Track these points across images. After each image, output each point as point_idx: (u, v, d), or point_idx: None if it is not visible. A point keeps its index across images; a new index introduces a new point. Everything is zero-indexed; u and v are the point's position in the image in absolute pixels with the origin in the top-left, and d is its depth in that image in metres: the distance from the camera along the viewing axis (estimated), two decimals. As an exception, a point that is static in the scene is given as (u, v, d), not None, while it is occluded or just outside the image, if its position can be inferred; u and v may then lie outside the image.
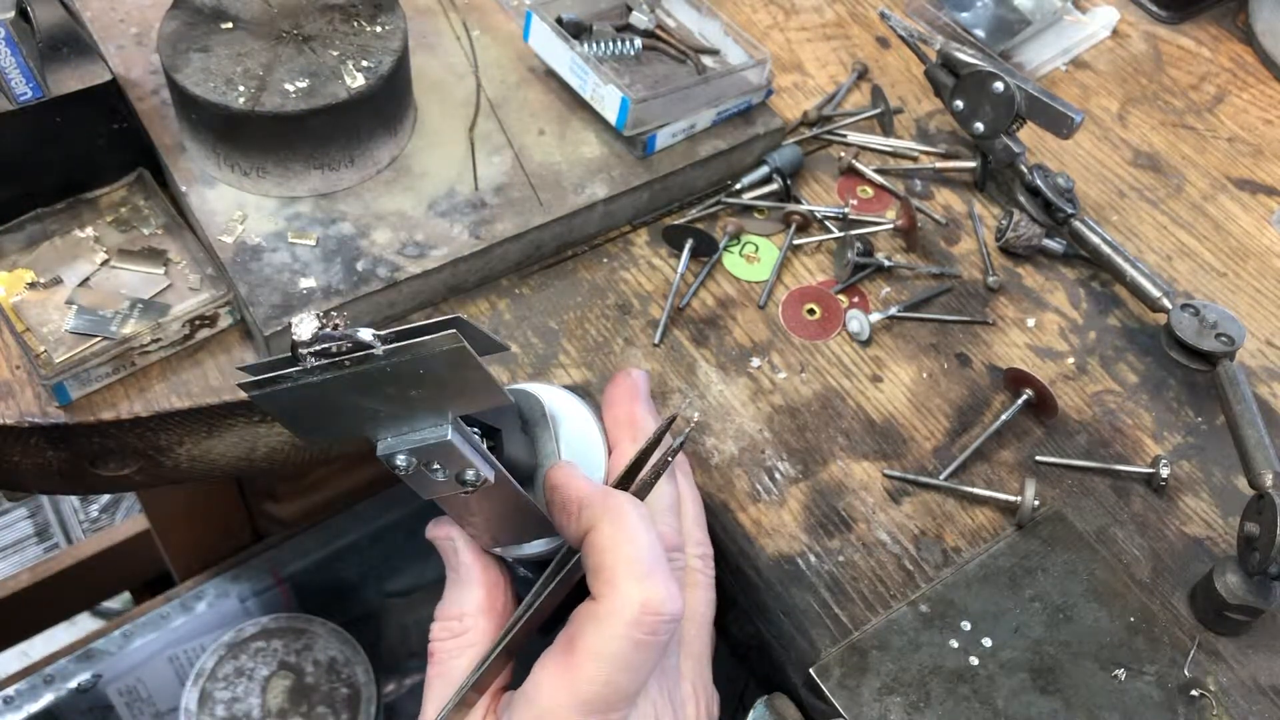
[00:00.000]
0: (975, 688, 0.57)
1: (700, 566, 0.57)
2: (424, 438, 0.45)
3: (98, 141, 0.69)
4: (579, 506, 0.50)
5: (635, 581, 0.48)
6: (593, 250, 0.74)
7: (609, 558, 0.48)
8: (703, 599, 0.57)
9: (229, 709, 1.17)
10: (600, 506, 0.50)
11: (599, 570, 0.48)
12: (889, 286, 0.75)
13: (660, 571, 0.48)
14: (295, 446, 0.70)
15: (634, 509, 0.49)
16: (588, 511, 0.50)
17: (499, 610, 0.55)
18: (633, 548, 0.48)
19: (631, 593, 0.47)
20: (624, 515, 0.49)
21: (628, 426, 0.58)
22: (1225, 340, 0.68)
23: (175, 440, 0.66)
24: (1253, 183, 0.85)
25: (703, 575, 0.57)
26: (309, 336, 0.41)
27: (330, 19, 0.71)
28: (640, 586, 0.47)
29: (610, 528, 0.49)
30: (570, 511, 0.51)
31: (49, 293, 0.66)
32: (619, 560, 0.48)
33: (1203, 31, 0.97)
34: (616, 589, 0.48)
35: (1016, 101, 0.76)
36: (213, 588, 1.24)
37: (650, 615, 0.47)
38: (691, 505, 0.59)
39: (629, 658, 0.47)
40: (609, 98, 0.73)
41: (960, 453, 0.67)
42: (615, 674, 0.48)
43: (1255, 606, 0.59)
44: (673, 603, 0.48)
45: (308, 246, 0.68)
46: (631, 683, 0.48)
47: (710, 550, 0.58)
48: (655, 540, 0.49)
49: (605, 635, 0.48)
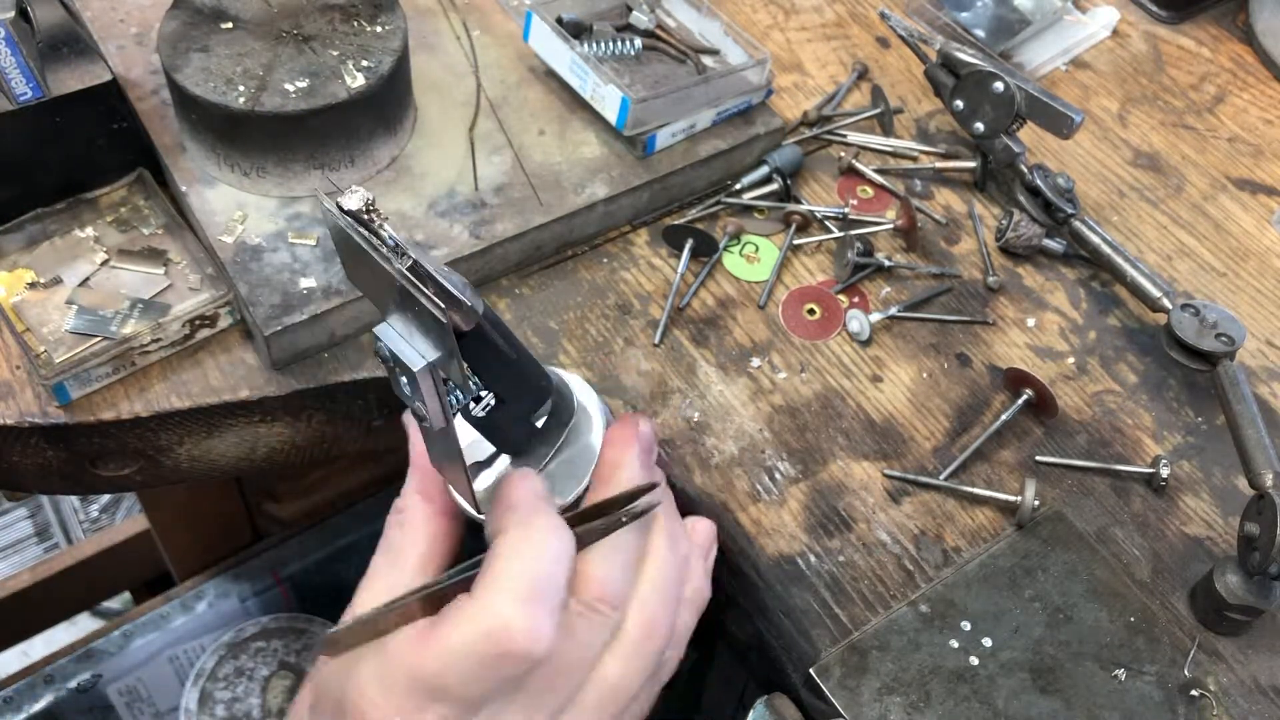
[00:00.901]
0: (975, 688, 0.57)
1: (638, 641, 0.52)
2: (403, 351, 0.46)
3: (98, 141, 0.69)
4: (504, 508, 0.49)
5: (503, 595, 0.46)
6: (593, 250, 0.75)
7: (498, 564, 0.47)
8: (624, 668, 0.51)
9: (229, 709, 1.17)
10: (520, 517, 0.48)
11: (485, 571, 0.47)
12: (889, 286, 0.75)
13: (539, 604, 0.46)
14: (295, 446, 0.70)
15: (551, 534, 0.48)
16: (505, 516, 0.49)
17: (436, 497, 0.54)
18: (521, 565, 0.47)
19: (495, 605, 0.46)
20: (535, 533, 0.48)
21: (612, 469, 0.55)
22: (1225, 340, 0.68)
23: (175, 440, 0.66)
24: (1253, 183, 0.85)
25: (637, 652, 0.52)
26: (348, 208, 0.43)
27: (330, 19, 0.71)
28: (505, 604, 0.46)
29: (515, 536, 0.48)
30: (496, 509, 0.50)
31: (49, 293, 0.66)
32: (504, 570, 0.47)
33: (1203, 31, 0.97)
34: (486, 595, 0.46)
35: (1016, 101, 0.76)
36: (213, 588, 1.24)
37: (503, 636, 0.45)
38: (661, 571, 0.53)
39: (467, 665, 0.46)
40: (609, 98, 0.73)
41: (960, 453, 0.67)
42: (449, 671, 0.46)
43: (1255, 606, 0.59)
44: (531, 640, 0.45)
45: (308, 246, 0.68)
46: (464, 689, 0.46)
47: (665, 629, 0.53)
48: (557, 575, 0.47)
49: (456, 632, 0.46)
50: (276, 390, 0.65)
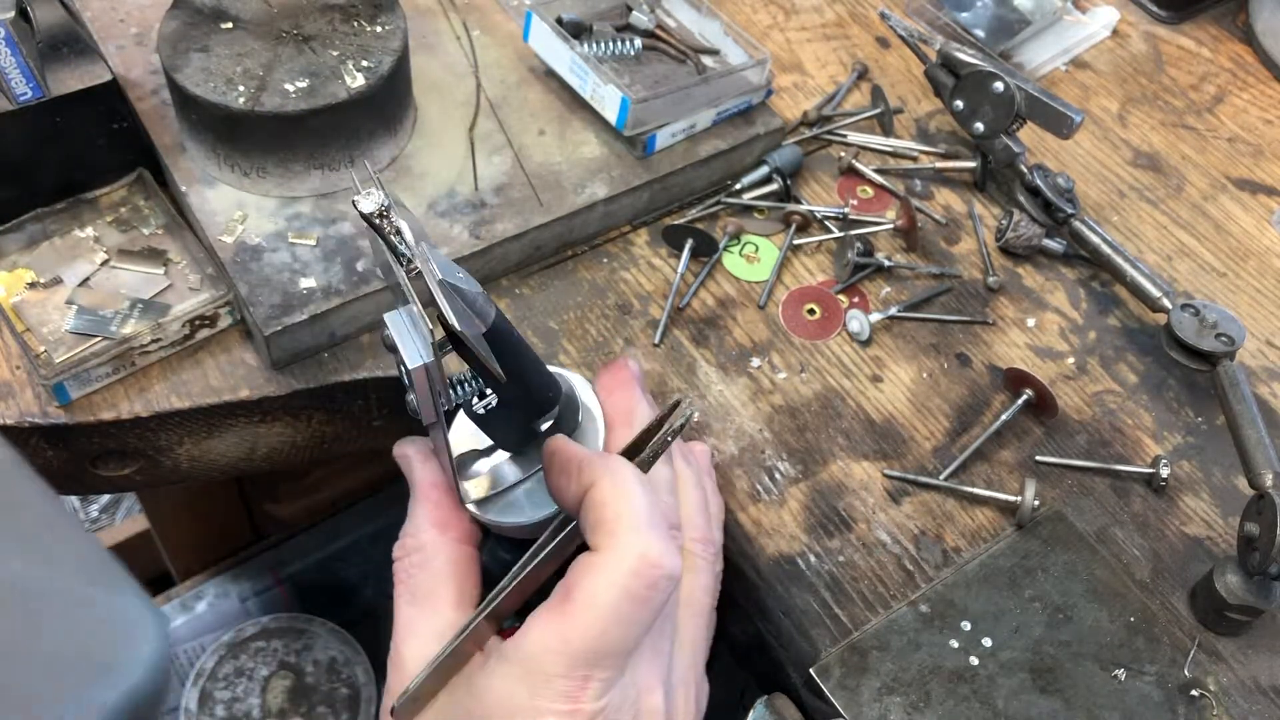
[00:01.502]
0: (975, 688, 0.57)
1: (699, 551, 0.56)
2: (405, 345, 0.47)
3: (98, 141, 0.69)
4: (578, 467, 0.50)
5: (634, 533, 0.47)
6: (593, 250, 0.74)
7: (609, 511, 0.48)
8: (699, 585, 0.55)
9: (229, 709, 1.17)
10: (600, 465, 0.49)
11: (598, 524, 0.48)
12: (889, 286, 0.75)
13: (659, 529, 0.47)
14: (295, 446, 0.70)
15: (634, 470, 0.49)
16: (587, 471, 0.49)
17: (452, 525, 0.54)
18: (632, 502, 0.48)
19: (630, 543, 0.47)
20: (624, 473, 0.49)
21: (625, 413, 0.57)
22: (1225, 340, 0.68)
23: (175, 440, 0.66)
24: (1253, 183, 0.85)
25: (701, 560, 0.56)
26: (364, 210, 0.44)
27: (330, 19, 0.71)
28: (639, 538, 0.47)
29: (610, 483, 0.48)
30: (569, 472, 0.50)
31: (49, 293, 0.66)
32: (619, 513, 0.47)
33: (1203, 31, 0.97)
34: (616, 539, 0.47)
35: (1016, 101, 0.76)
36: (213, 588, 1.24)
37: (648, 567, 0.46)
38: (692, 491, 0.57)
39: (624, 610, 0.46)
40: (609, 98, 0.73)
41: (960, 453, 0.67)
42: (609, 625, 0.46)
43: (1255, 606, 0.59)
44: (671, 559, 0.47)
45: (308, 246, 0.68)
46: (623, 639, 0.47)
47: (713, 539, 0.57)
48: (655, 502, 0.49)
49: (602, 584, 0.46)
50: (276, 390, 0.65)
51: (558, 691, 0.46)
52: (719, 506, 0.61)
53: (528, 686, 0.47)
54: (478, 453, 0.58)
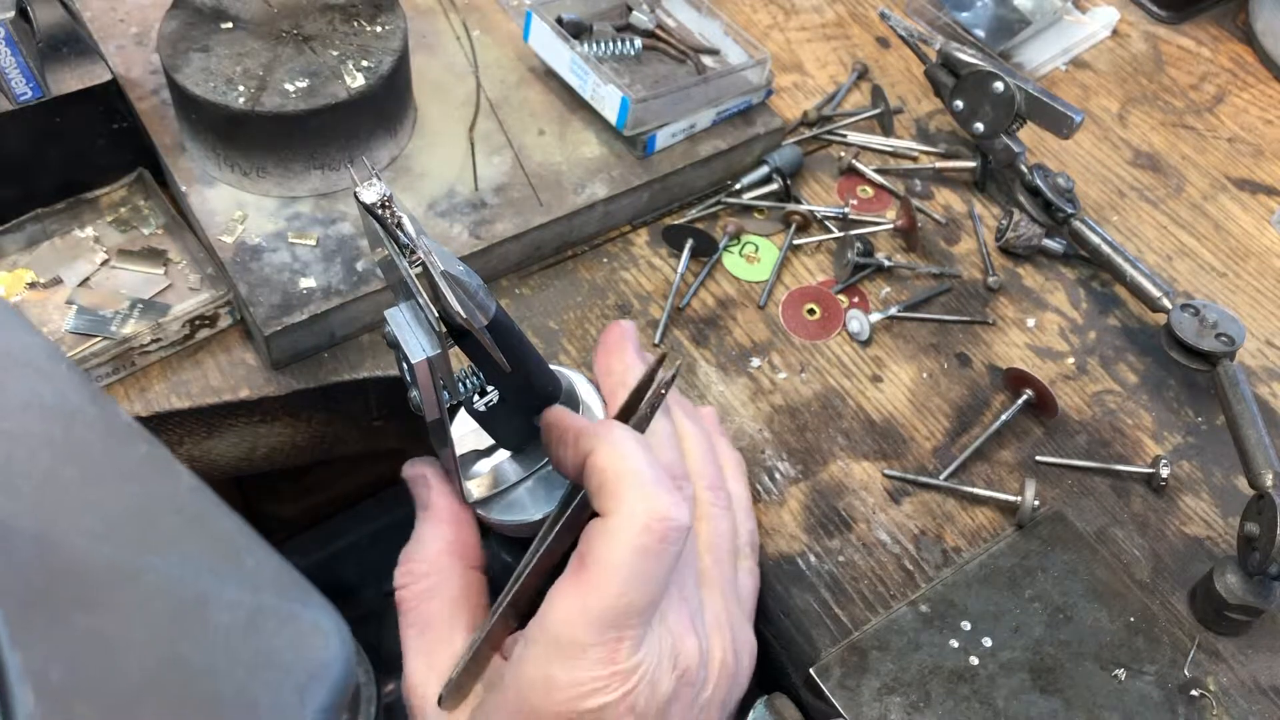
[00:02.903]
0: (975, 688, 0.57)
1: (710, 499, 0.56)
2: (407, 340, 0.47)
3: (98, 141, 0.69)
4: (575, 436, 0.50)
5: (638, 490, 0.47)
6: (593, 250, 0.74)
7: (610, 474, 0.48)
8: (716, 530, 0.56)
9: (229, 709, 1.17)
10: (596, 432, 0.49)
11: (602, 488, 0.48)
12: (889, 286, 0.75)
13: (663, 483, 0.48)
14: (295, 446, 0.70)
15: (629, 432, 0.50)
16: (584, 439, 0.49)
17: (468, 552, 0.55)
18: (632, 463, 0.48)
19: (636, 502, 0.47)
20: (620, 437, 0.49)
21: (621, 374, 0.57)
22: (1225, 340, 0.68)
23: (175, 440, 0.66)
24: (1253, 183, 0.85)
25: (714, 507, 0.56)
26: (365, 200, 0.44)
27: (330, 19, 0.71)
28: (644, 495, 0.47)
29: (608, 448, 0.49)
30: (567, 441, 0.50)
31: (49, 293, 0.66)
32: (621, 474, 0.48)
33: (1203, 31, 0.97)
34: (621, 500, 0.47)
35: (1016, 101, 0.76)
36: (213, 588, 1.24)
37: (658, 521, 0.47)
38: (697, 442, 0.58)
39: (640, 567, 0.47)
40: (609, 98, 0.73)
41: (960, 453, 0.67)
42: (627, 585, 0.46)
43: (1255, 606, 0.59)
44: (678, 510, 0.47)
45: (308, 246, 0.68)
46: (644, 595, 0.47)
47: (724, 486, 0.58)
48: (655, 460, 0.49)
49: (614, 545, 0.47)
50: (276, 390, 0.65)
51: (593, 659, 0.46)
52: (734, 459, 0.61)
53: (561, 663, 0.47)
54: (478, 453, 0.58)
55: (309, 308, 0.65)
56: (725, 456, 0.61)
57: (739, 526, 0.58)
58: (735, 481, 0.60)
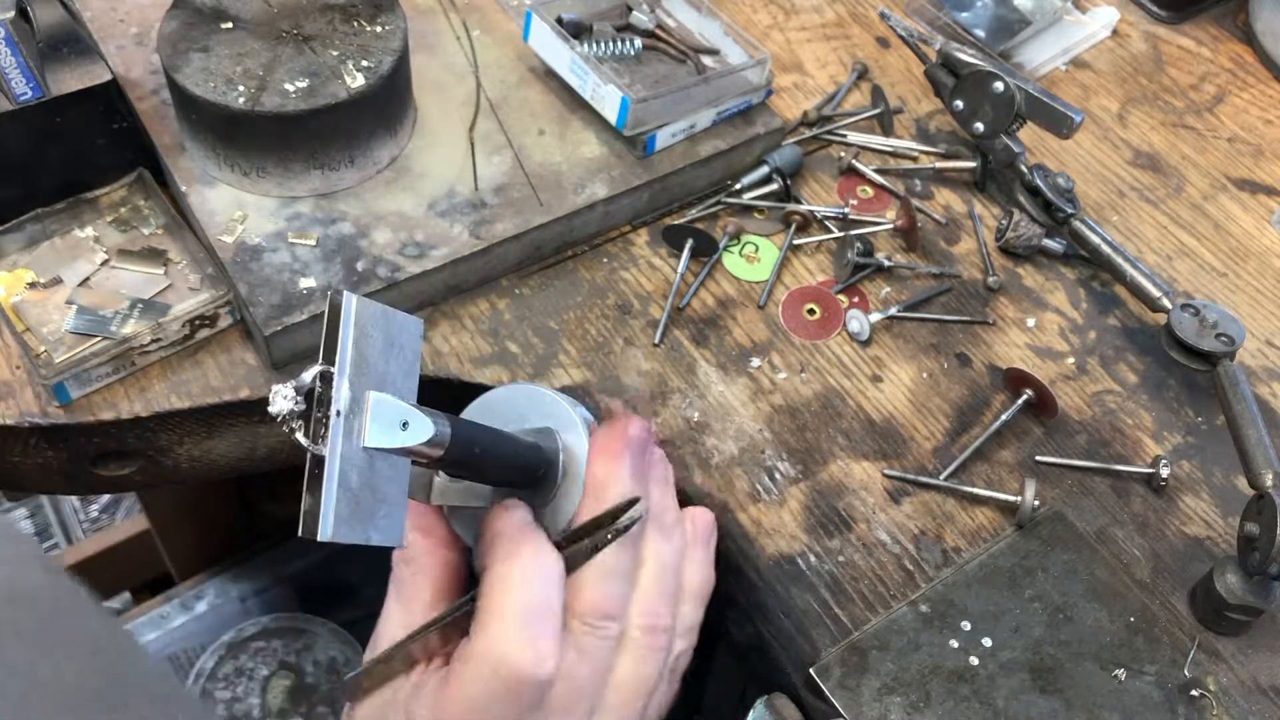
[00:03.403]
0: (975, 688, 0.57)
1: (641, 640, 0.54)
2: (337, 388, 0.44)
3: (98, 141, 0.69)
4: (491, 540, 0.51)
5: (503, 634, 0.47)
6: (593, 250, 0.74)
7: (488, 600, 0.48)
8: (638, 670, 0.54)
9: (229, 709, 1.17)
10: (504, 550, 0.49)
11: (480, 610, 0.49)
12: (889, 286, 0.75)
13: (536, 629, 0.47)
14: (295, 446, 0.70)
15: (536, 561, 0.49)
16: (492, 550, 0.50)
17: (435, 533, 0.55)
18: (514, 599, 0.48)
19: (495, 644, 0.47)
20: (521, 564, 0.49)
21: (600, 486, 0.54)
22: (1225, 340, 0.68)
23: (175, 440, 0.66)
24: (1253, 183, 0.85)
25: (644, 649, 0.54)
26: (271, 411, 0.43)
27: (330, 19, 0.71)
28: (505, 641, 0.47)
29: (503, 569, 0.49)
30: (483, 542, 0.51)
31: (49, 293, 0.66)
32: (491, 606, 0.48)
33: (1203, 31, 0.97)
34: (484, 636, 0.48)
35: (1016, 101, 0.76)
36: (213, 588, 1.24)
37: (507, 671, 0.47)
38: (656, 576, 0.55)
39: (488, 706, 0.48)
40: (609, 98, 0.73)
41: (960, 453, 0.67)
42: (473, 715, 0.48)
43: (1255, 606, 0.59)
44: (537, 666, 0.47)
45: (308, 246, 0.68)
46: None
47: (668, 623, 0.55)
48: (550, 599, 0.49)
49: (467, 677, 0.48)
50: (276, 390, 0.65)
51: None
52: (704, 580, 0.59)
53: None
54: None
55: (309, 308, 0.65)
56: (694, 578, 0.58)
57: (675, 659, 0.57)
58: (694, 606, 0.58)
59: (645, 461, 0.57)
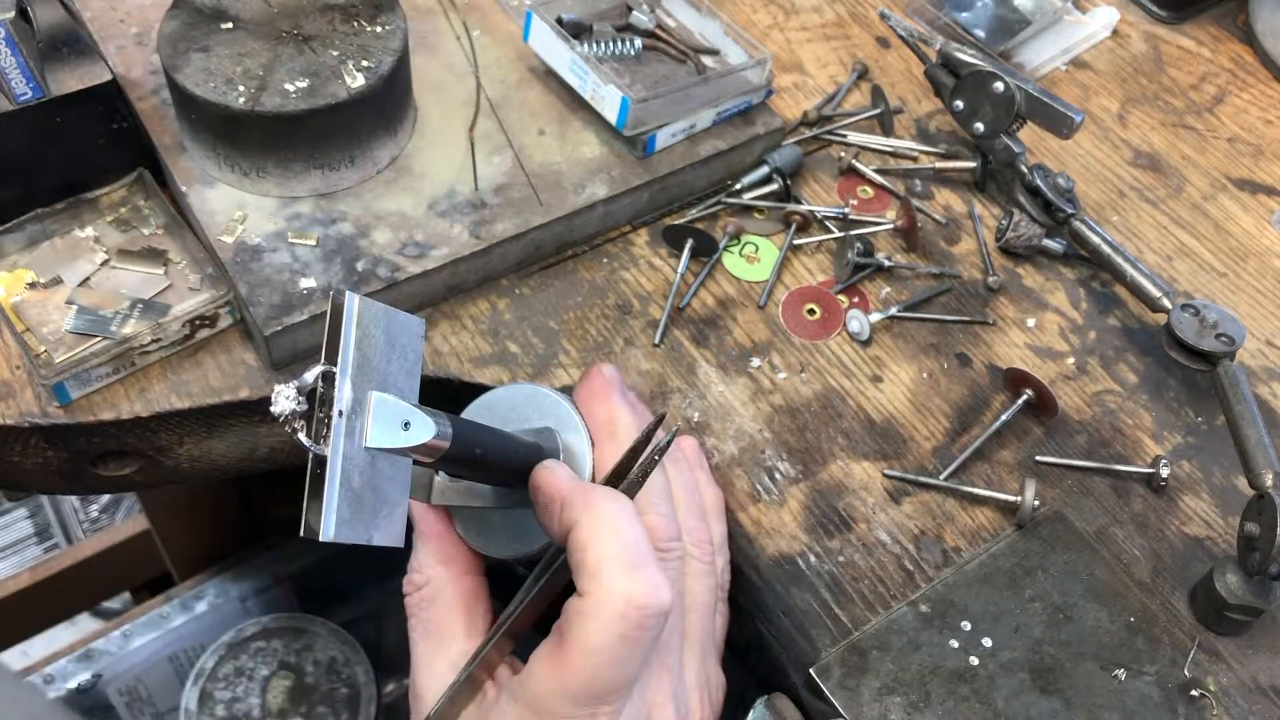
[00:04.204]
0: (975, 688, 0.57)
1: (698, 555, 0.57)
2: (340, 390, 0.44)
3: (98, 141, 0.69)
4: (560, 505, 0.50)
5: (619, 576, 0.48)
6: (593, 250, 0.74)
7: (591, 554, 0.48)
8: (703, 586, 0.57)
9: (229, 709, 1.17)
10: (580, 504, 0.49)
11: (582, 566, 0.48)
12: (889, 286, 0.75)
13: (646, 565, 0.48)
14: (295, 446, 0.70)
15: (614, 503, 0.49)
16: (567, 510, 0.50)
17: (456, 560, 0.56)
18: (615, 542, 0.48)
19: (616, 588, 0.47)
20: (604, 510, 0.49)
21: (607, 424, 0.57)
22: (1225, 340, 0.68)
23: (175, 440, 0.66)
24: (1253, 183, 0.85)
25: (701, 564, 0.57)
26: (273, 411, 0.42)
27: (330, 19, 0.71)
28: (625, 581, 0.47)
29: (591, 523, 0.49)
30: (552, 511, 0.51)
31: (49, 293, 0.66)
32: (602, 556, 0.48)
33: (1203, 31, 0.97)
34: (601, 584, 0.48)
35: (1016, 101, 0.76)
36: (213, 588, 1.24)
37: (635, 610, 0.47)
38: (684, 495, 0.58)
39: (616, 652, 0.47)
40: (609, 98, 0.73)
41: (960, 453, 0.67)
42: (602, 668, 0.48)
43: (1255, 606, 0.59)
44: (658, 596, 0.48)
45: (308, 246, 0.68)
46: (619, 676, 0.48)
47: (709, 538, 0.58)
48: (641, 534, 0.49)
49: (591, 630, 0.47)
50: (276, 390, 0.65)
51: None
52: (715, 496, 0.62)
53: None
54: None
55: (309, 308, 0.65)
56: (708, 495, 0.61)
57: (720, 575, 0.59)
58: (717, 521, 0.61)
59: (630, 396, 0.59)
